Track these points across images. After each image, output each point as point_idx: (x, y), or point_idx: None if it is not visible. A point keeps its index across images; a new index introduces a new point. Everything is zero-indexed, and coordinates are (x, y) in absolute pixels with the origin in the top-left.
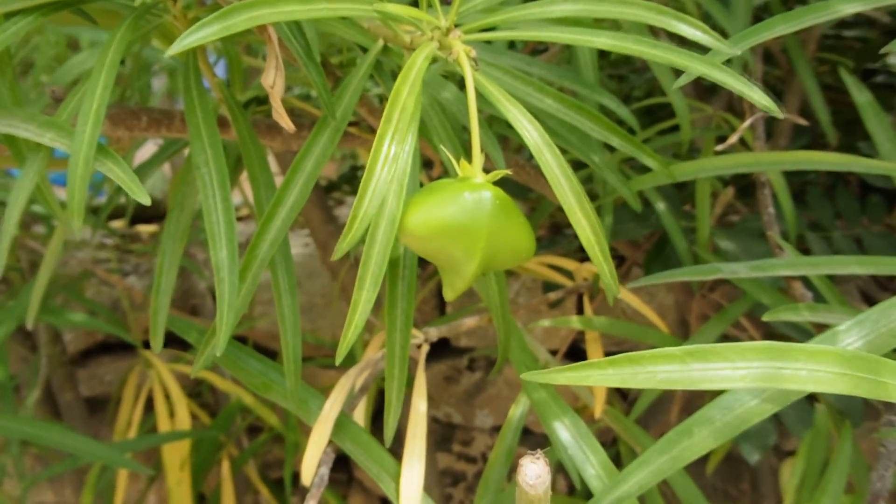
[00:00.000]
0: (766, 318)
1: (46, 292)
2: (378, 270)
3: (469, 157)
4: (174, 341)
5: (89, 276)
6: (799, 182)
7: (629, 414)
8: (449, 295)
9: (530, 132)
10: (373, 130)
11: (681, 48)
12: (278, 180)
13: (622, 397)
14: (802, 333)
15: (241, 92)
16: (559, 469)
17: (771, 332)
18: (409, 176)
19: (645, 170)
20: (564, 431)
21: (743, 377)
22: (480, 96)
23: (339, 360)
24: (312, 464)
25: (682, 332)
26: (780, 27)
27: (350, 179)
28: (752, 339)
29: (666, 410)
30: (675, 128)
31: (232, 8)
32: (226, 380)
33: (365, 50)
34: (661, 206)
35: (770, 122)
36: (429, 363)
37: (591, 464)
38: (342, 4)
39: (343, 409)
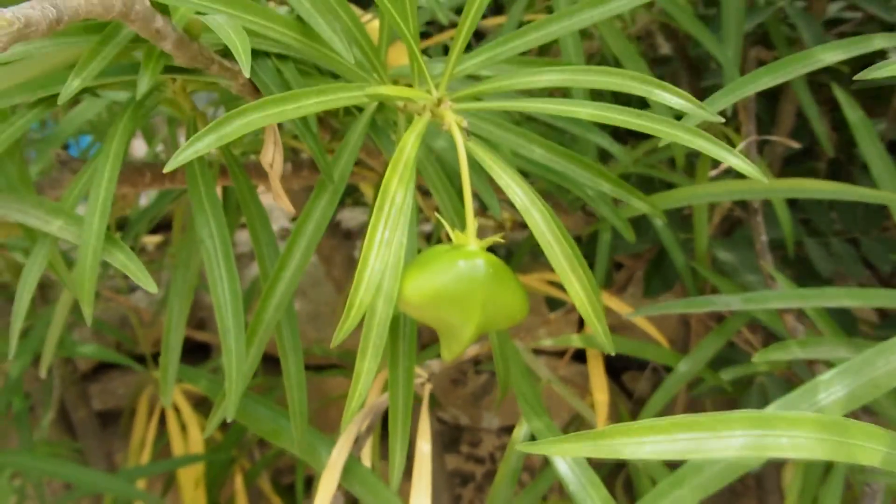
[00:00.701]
0: (756, 359)
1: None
2: (379, 342)
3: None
4: (184, 353)
5: (96, 296)
6: None
7: (633, 413)
8: (447, 356)
9: (521, 197)
10: (371, 168)
11: (661, 116)
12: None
13: (627, 396)
14: None
15: (240, 139)
16: None
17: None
18: (405, 248)
19: (645, 184)
20: (563, 464)
21: (727, 447)
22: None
23: (344, 427)
24: None
25: (685, 333)
26: (763, 80)
27: (352, 192)
28: (753, 349)
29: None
30: None
31: (225, 118)
32: None
33: (360, 108)
34: (659, 222)
35: (766, 131)
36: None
37: (592, 501)
38: (332, 96)
39: (351, 453)
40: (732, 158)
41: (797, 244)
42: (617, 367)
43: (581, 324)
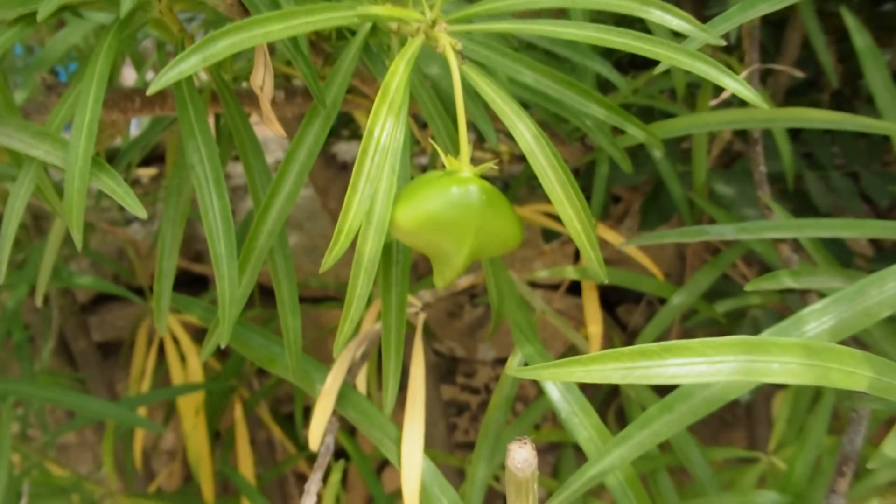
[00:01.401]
0: (747, 289)
1: None
2: (371, 267)
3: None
4: (182, 285)
5: (92, 228)
6: None
7: (627, 346)
8: (439, 283)
9: (515, 123)
10: (366, 95)
11: (661, 39)
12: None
13: (622, 328)
14: None
15: (230, 64)
16: (547, 449)
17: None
18: (398, 174)
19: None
20: (555, 391)
21: (718, 372)
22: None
23: (336, 353)
24: (318, 433)
25: (680, 266)
26: (760, 6)
27: (348, 123)
28: (748, 281)
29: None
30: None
31: (210, 38)
32: None
33: (353, 31)
34: (657, 153)
35: (770, 60)
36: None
37: (583, 426)
38: (322, 16)
39: (345, 380)
40: (732, 83)
41: (796, 178)
42: (612, 301)
43: (577, 256)
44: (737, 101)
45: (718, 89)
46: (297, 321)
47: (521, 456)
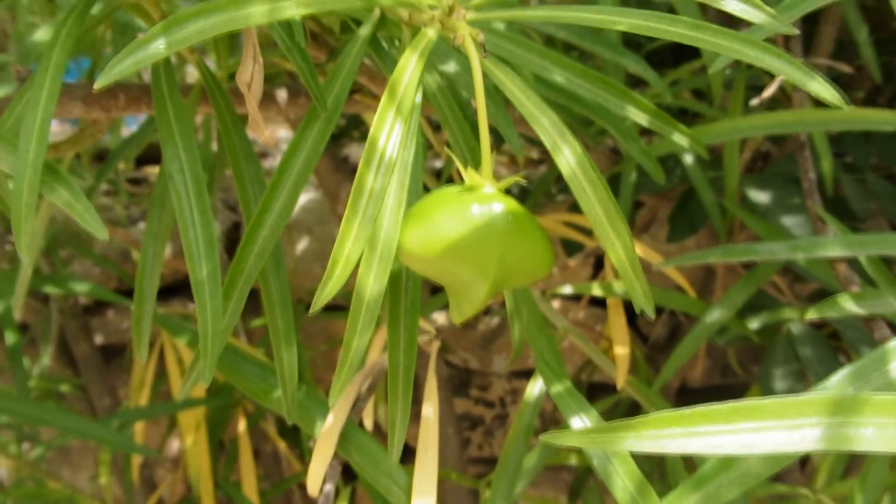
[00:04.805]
0: (808, 316)
1: (51, 246)
2: (375, 304)
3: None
4: (183, 289)
5: None
6: None
7: (650, 359)
8: (456, 318)
9: (548, 129)
10: (375, 96)
11: (723, 28)
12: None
13: (642, 340)
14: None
15: (225, 59)
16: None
17: (815, 293)
18: (408, 189)
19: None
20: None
21: (802, 440)
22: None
23: (332, 401)
24: (317, 480)
25: (706, 275)
26: None
27: (359, 124)
28: (781, 293)
29: (691, 365)
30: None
31: (175, 20)
32: (237, 337)
33: (359, 22)
34: (688, 159)
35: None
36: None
37: (617, 474)
38: None
39: (350, 417)
40: (815, 84)
41: (832, 182)
42: (632, 311)
43: (596, 267)
44: (766, 104)
45: (753, 89)
46: (292, 355)
47: None
